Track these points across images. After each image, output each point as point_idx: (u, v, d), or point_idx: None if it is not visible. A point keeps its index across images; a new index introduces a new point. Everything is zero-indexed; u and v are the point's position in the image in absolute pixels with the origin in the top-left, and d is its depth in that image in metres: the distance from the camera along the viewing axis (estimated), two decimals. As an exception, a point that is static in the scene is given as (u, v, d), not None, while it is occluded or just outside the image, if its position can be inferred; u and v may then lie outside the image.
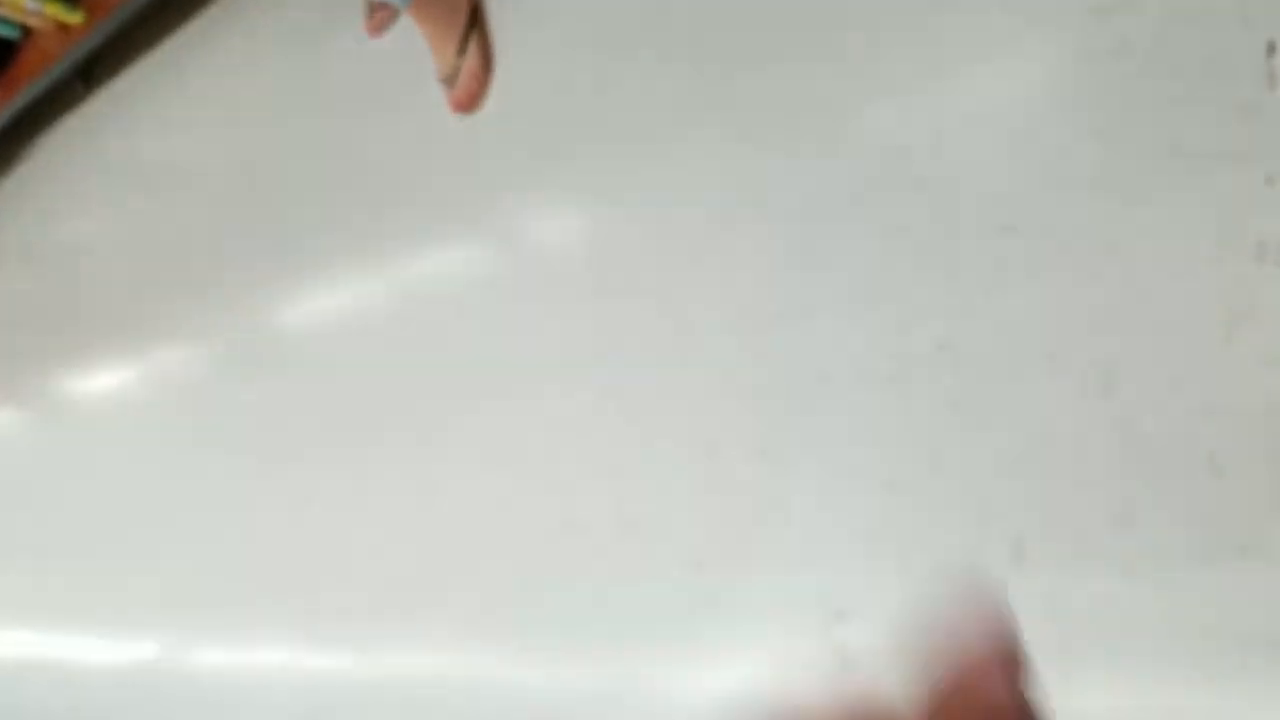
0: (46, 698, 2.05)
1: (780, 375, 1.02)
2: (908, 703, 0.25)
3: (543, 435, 1.23)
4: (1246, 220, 0.78)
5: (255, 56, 1.82)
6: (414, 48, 1.35)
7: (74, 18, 2.01)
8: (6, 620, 2.29)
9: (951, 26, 0.94)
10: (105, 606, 1.98)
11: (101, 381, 2.11)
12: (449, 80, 1.20)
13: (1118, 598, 0.80)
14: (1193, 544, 0.77)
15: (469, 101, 1.20)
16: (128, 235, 2.13)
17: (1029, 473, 0.86)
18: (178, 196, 1.98)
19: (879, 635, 0.92)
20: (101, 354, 2.11)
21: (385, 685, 1.35)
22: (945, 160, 0.92)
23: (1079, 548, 0.82)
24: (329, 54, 1.63)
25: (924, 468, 0.92)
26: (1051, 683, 0.83)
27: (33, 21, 2.07)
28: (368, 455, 1.45)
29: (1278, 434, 0.75)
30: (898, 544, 0.92)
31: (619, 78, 1.19)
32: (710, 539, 1.05)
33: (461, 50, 1.17)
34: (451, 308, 1.36)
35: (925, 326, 0.93)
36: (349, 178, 1.54)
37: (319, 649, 1.47)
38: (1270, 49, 0.78)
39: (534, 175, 1.27)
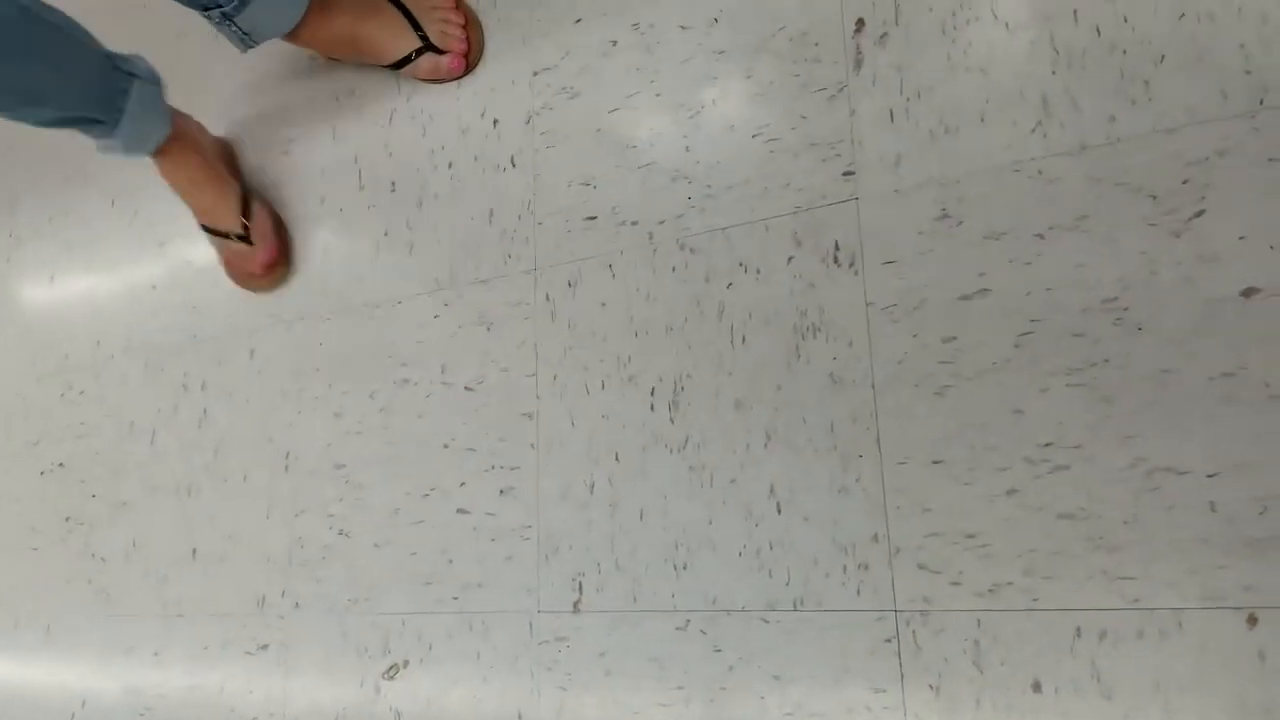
0: None
1: (362, 379, 0.86)
2: None
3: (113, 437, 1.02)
4: (822, 219, 0.67)
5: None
6: None
7: None
8: None
9: None
10: None
11: None
12: None
13: (668, 654, 0.68)
14: (752, 592, 0.66)
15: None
16: None
17: (596, 501, 0.73)
18: None
19: (430, 686, 0.77)
20: None
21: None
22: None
23: (635, 596, 0.70)
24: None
25: (493, 492, 0.77)
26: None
27: None
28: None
29: (838, 461, 0.64)
30: (455, 583, 0.78)
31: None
32: (279, 572, 0.88)
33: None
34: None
35: (510, 325, 0.79)
36: None
37: None
38: (858, 25, 0.68)
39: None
